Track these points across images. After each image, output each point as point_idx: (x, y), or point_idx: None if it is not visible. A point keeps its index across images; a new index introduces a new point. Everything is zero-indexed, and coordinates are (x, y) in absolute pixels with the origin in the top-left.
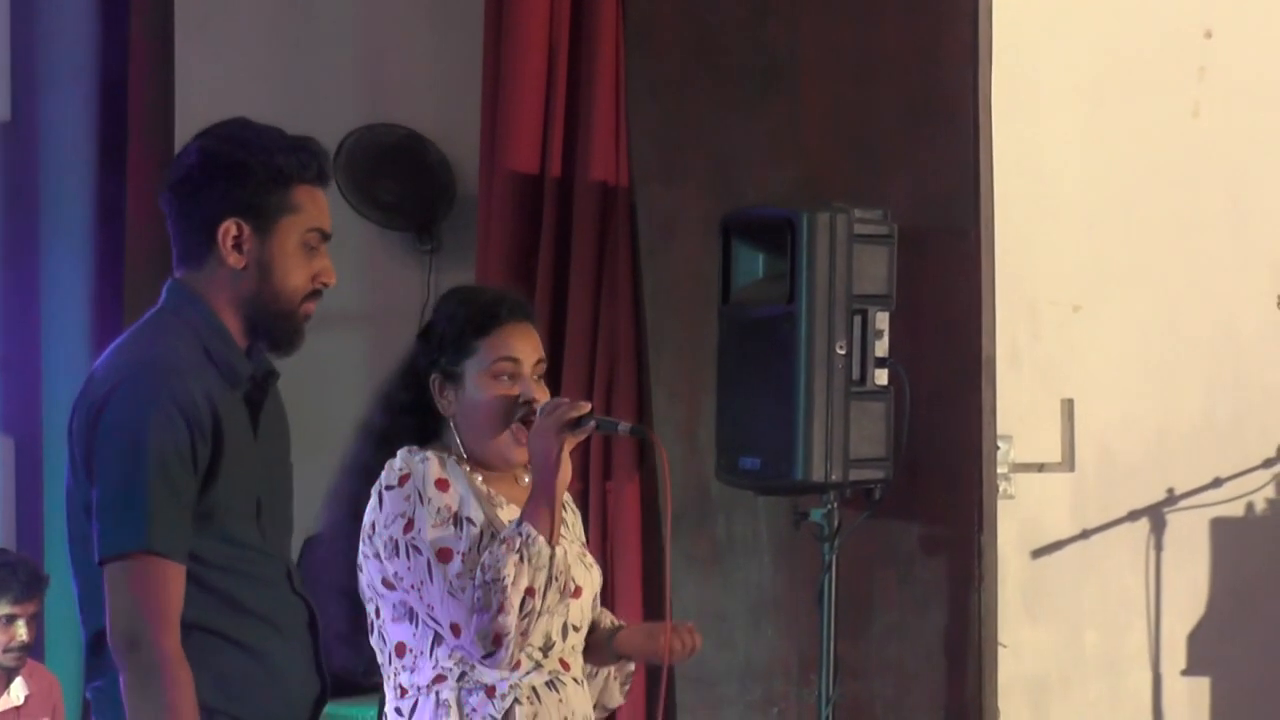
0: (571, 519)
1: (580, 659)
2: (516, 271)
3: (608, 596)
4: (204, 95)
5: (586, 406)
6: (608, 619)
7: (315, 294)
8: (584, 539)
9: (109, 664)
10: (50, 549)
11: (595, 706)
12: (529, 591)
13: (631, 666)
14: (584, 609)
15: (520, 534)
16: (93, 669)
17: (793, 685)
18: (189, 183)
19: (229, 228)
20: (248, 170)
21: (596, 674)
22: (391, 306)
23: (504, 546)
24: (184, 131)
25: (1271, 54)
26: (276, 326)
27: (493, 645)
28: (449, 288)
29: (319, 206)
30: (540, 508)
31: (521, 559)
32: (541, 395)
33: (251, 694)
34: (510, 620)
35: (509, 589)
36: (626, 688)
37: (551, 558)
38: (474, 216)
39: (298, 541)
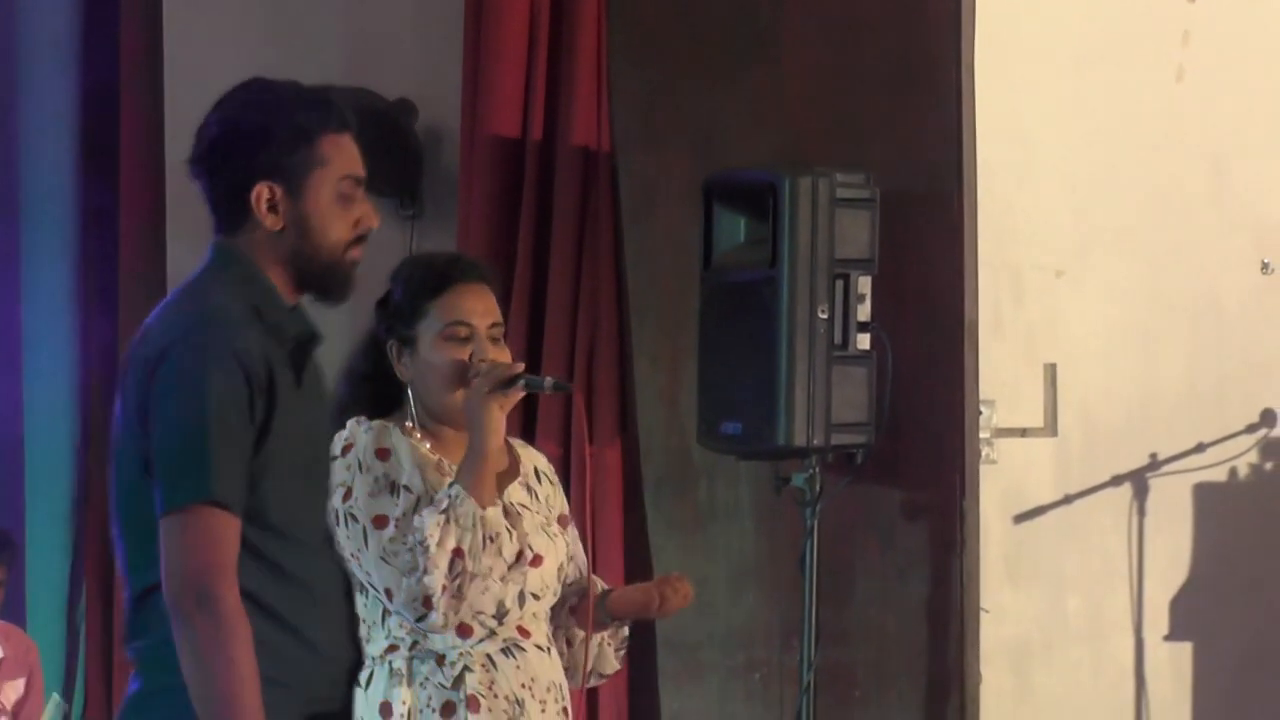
0: (548, 490)
1: (544, 626)
2: (498, 237)
3: (589, 561)
4: (190, 54)
5: (519, 367)
6: (598, 585)
7: (360, 240)
8: (564, 509)
9: (155, 621)
10: (32, 550)
11: (591, 673)
12: (457, 552)
13: (625, 631)
14: (545, 578)
15: (449, 495)
16: (136, 626)
17: (774, 651)
18: (215, 154)
19: (260, 191)
20: (269, 133)
21: (597, 640)
22: (373, 272)
23: (432, 508)
24: (174, 101)
25: (1255, 18)
26: (324, 279)
27: (423, 607)
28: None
29: (347, 154)
30: (471, 469)
31: (448, 520)
32: (499, 356)
33: (288, 663)
34: (435, 580)
35: (433, 550)
36: (621, 653)
37: (483, 519)
38: (456, 182)
39: None
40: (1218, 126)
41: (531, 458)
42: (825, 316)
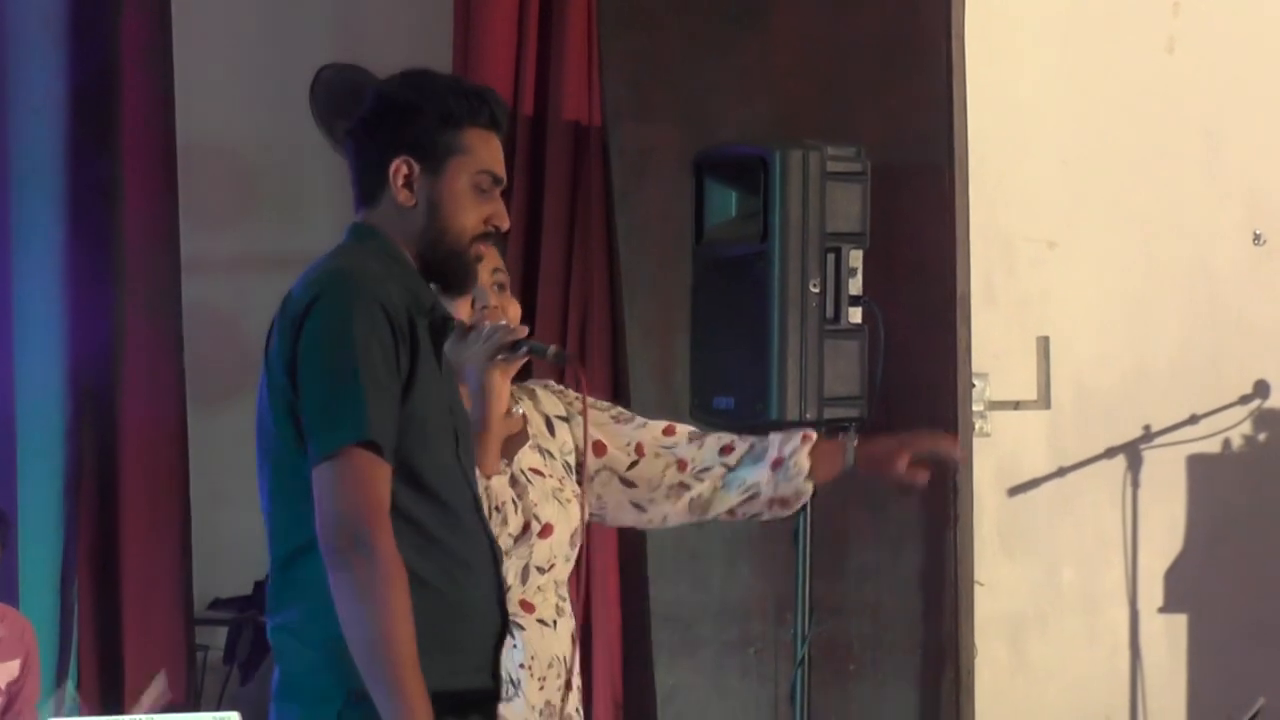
0: (563, 437)
1: (551, 598)
2: None
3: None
4: (197, 29)
5: (523, 331)
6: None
7: (486, 235)
8: (594, 436)
9: (297, 590)
10: (25, 529)
11: (775, 500)
12: None
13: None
14: (555, 548)
15: None
16: (278, 598)
17: (769, 625)
18: (365, 124)
19: (399, 166)
20: (418, 110)
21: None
22: None
23: None
24: (183, 80)
25: None
26: (446, 265)
27: None
28: None
29: (491, 151)
30: (475, 438)
31: None
32: (506, 304)
33: (432, 629)
34: None
35: None
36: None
37: (487, 489)
38: None
39: None
40: (1209, 97)
41: (542, 406)
42: (817, 290)
